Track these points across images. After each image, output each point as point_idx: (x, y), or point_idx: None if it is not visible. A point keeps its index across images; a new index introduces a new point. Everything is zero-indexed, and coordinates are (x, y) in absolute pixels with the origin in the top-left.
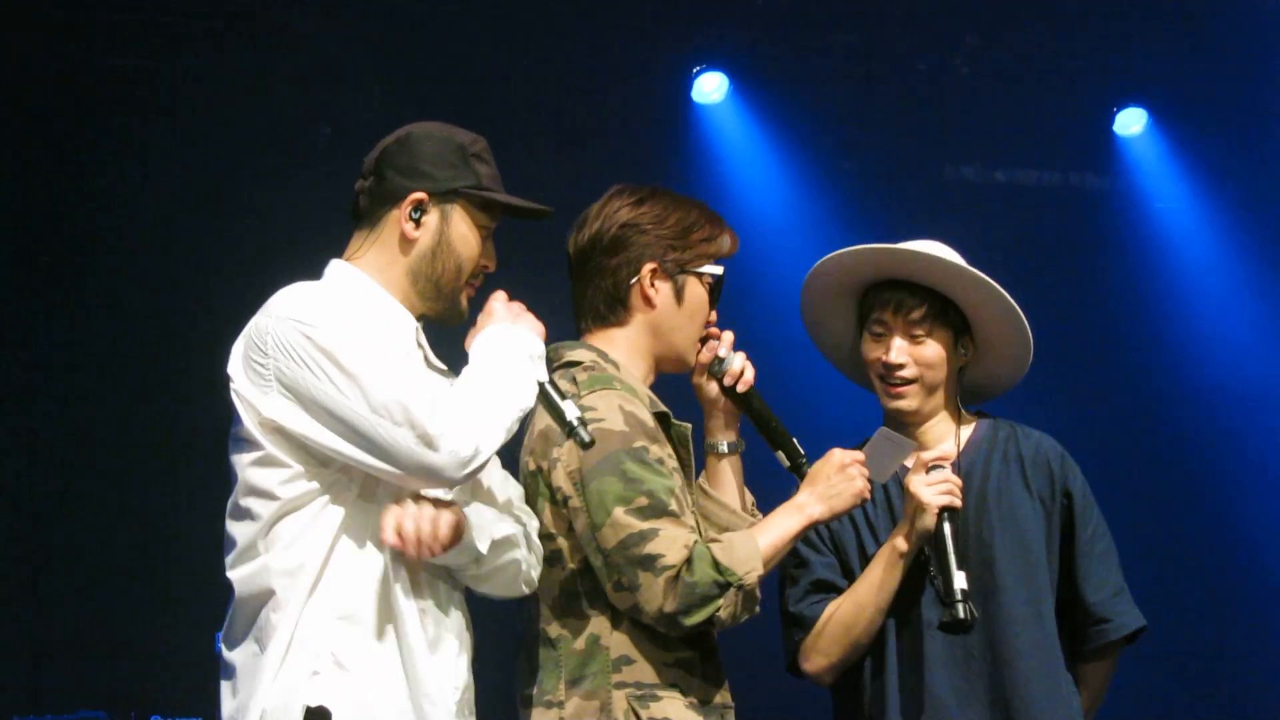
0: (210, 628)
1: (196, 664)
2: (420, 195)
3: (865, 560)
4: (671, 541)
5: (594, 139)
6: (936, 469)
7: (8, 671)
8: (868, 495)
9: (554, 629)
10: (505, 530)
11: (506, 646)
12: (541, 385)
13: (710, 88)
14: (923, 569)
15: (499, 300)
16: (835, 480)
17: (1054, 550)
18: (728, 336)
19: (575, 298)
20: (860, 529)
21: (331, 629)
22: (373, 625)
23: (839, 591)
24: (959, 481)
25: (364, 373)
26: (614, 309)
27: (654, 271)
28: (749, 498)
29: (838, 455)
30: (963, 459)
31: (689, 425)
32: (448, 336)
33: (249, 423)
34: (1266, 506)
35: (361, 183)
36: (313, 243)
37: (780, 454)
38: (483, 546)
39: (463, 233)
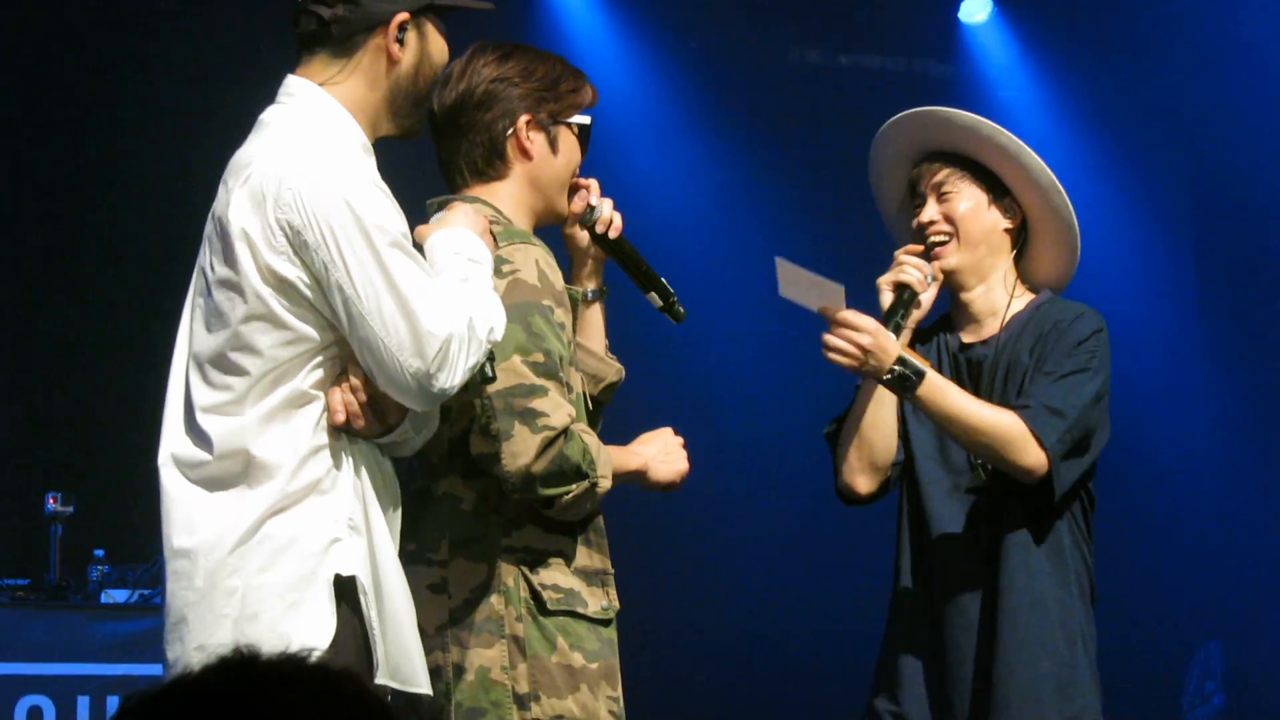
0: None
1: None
2: (404, 16)
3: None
4: (557, 406)
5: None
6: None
7: None
8: (684, 474)
9: (440, 486)
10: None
11: None
12: None
13: None
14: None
15: (466, 206)
16: (668, 452)
17: None
18: (594, 184)
19: (447, 155)
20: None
21: (334, 494)
22: (354, 491)
23: None
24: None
25: (393, 285)
26: (492, 163)
27: (529, 123)
28: (605, 342)
29: (670, 432)
30: (1003, 333)
31: (578, 289)
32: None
33: (253, 276)
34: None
35: (327, 10)
36: None
37: (652, 295)
38: (413, 425)
39: (439, 44)
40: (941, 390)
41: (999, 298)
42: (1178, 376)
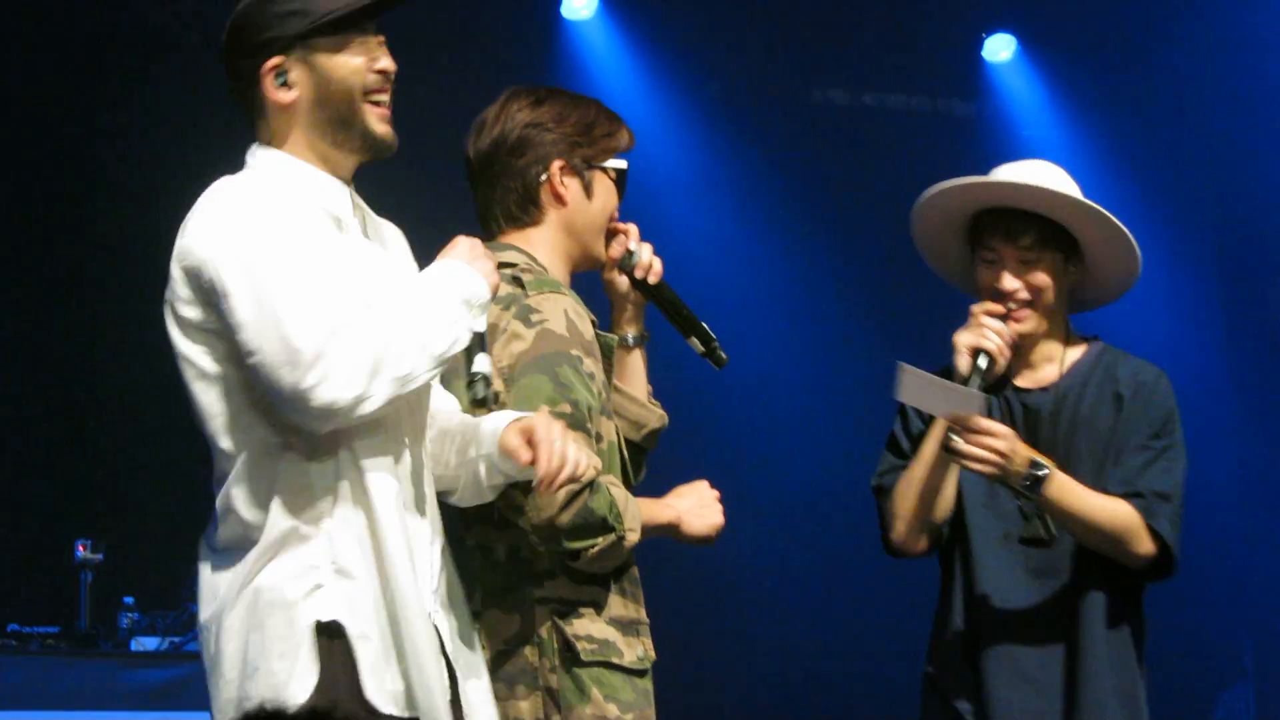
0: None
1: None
2: (272, 63)
3: None
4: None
5: (464, 54)
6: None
7: None
8: (719, 528)
9: (472, 536)
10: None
11: None
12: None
13: (580, 4)
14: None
15: (464, 239)
16: (703, 506)
17: None
18: (633, 229)
19: (482, 202)
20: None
21: (316, 539)
22: (349, 532)
23: None
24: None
25: (267, 302)
26: (526, 209)
27: (562, 168)
28: (648, 388)
29: (706, 485)
30: (1063, 381)
31: (615, 337)
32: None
33: (180, 342)
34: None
35: (228, 87)
36: None
37: (694, 340)
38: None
39: (336, 60)
40: (1066, 489)
41: (1056, 343)
42: (1205, 419)
